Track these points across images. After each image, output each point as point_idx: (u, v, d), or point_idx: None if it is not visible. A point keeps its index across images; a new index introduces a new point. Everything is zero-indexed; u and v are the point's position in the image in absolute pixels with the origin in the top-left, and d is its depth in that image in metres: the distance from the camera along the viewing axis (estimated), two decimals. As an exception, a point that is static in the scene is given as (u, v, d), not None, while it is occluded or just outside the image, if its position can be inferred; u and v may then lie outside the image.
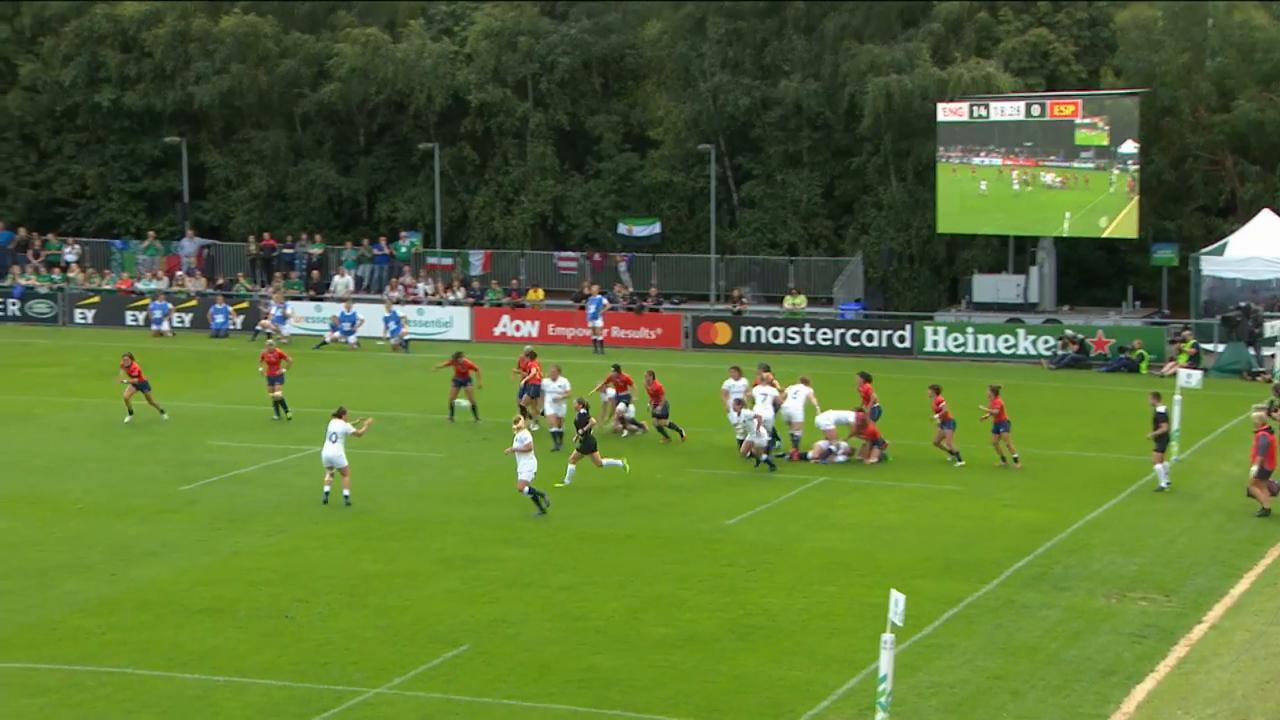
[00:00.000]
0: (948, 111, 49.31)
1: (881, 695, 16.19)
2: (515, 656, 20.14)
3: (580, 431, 29.65)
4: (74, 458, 32.12)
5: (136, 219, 59.22)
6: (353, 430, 28.02)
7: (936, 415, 31.83)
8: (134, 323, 52.60)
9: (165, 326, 51.13)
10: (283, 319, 49.80)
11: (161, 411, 35.23)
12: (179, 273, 55.64)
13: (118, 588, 23.13)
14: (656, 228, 54.43)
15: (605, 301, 49.37)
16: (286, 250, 55.75)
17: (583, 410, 30.25)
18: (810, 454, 31.97)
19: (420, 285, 53.69)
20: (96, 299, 53.80)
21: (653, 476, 30.69)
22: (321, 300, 53.02)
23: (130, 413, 35.13)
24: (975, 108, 49.17)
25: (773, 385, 32.03)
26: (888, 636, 16.06)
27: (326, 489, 27.98)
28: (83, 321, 53.21)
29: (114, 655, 20.02)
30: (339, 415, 28.25)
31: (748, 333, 48.98)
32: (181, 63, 57.54)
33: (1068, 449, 33.54)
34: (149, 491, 29.20)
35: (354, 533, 26.29)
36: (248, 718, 18.06)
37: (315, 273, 55.02)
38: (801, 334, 48.64)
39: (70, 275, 55.11)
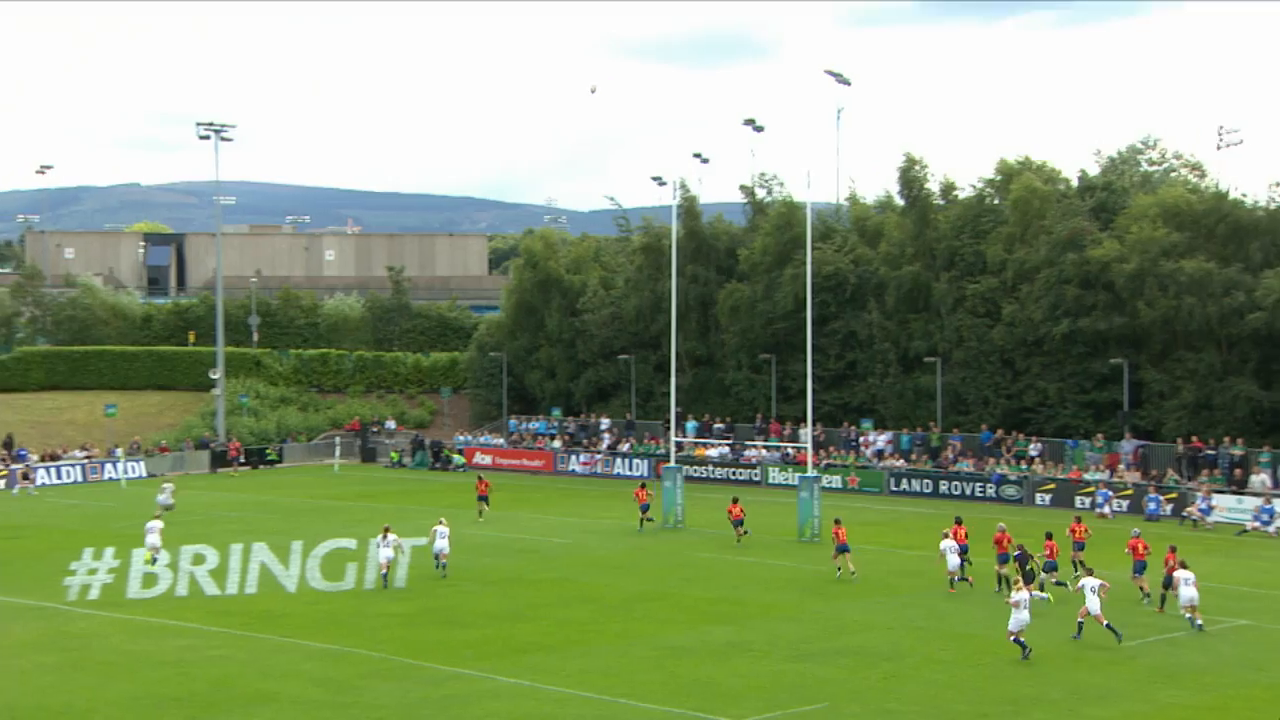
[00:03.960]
0: None
1: None
2: None
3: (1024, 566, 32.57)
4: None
5: (1085, 423, 58.94)
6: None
7: None
8: (1082, 505, 52.18)
9: (1106, 510, 50.34)
10: (1208, 510, 47.23)
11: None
12: (1119, 466, 54.54)
13: (1074, 722, 22.86)
14: None
15: None
16: (1209, 451, 52.78)
17: (1019, 552, 33.17)
18: None
19: (1337, 484, 48.41)
20: (1053, 485, 54.30)
21: None
22: (1242, 494, 49.55)
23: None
24: None
25: None
26: None
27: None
28: (1041, 503, 53.76)
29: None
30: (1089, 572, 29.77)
31: None
32: (1135, 294, 56.88)
33: None
34: (1099, 645, 28.56)
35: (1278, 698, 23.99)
36: None
37: (1237, 471, 51.50)
38: None
39: (1033, 467, 56.12)
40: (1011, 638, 27.06)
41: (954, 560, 35.12)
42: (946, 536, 35.78)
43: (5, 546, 45.10)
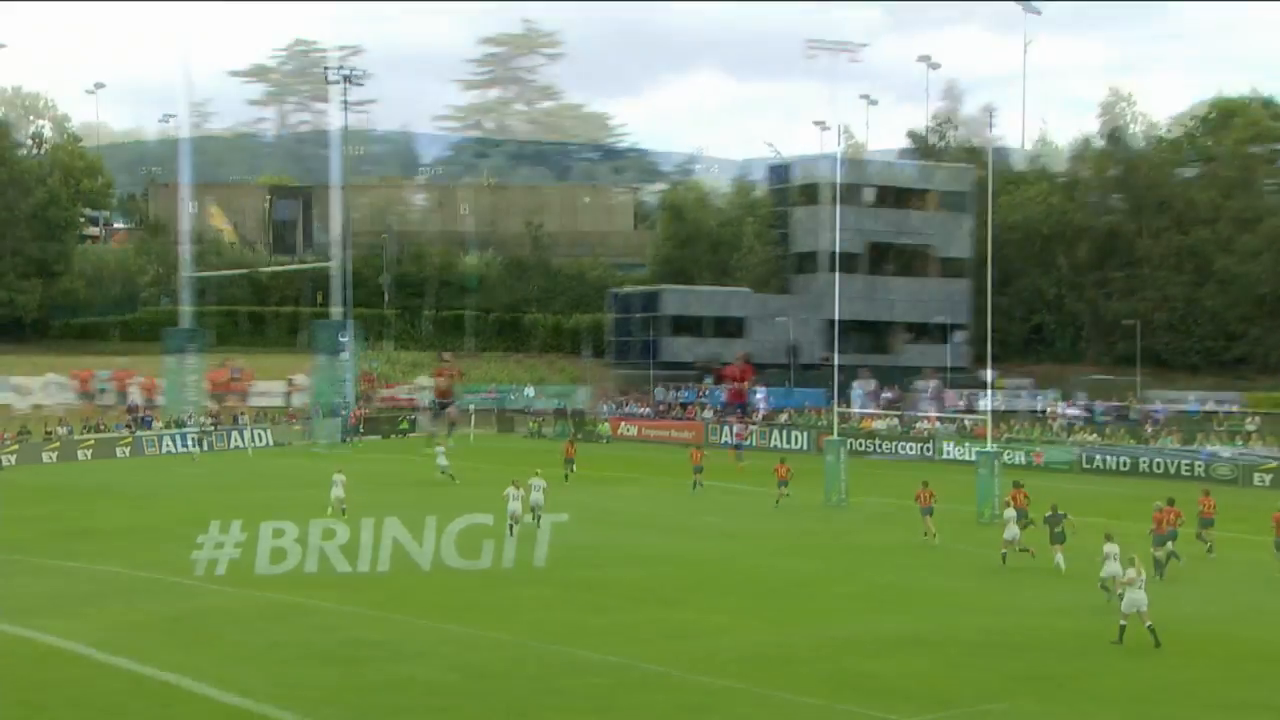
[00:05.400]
0: None
1: None
2: None
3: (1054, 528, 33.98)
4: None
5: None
6: None
7: None
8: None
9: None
10: None
11: None
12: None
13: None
14: None
15: None
16: None
17: (1051, 514, 34.16)
18: None
19: None
20: (1275, 465, 52.67)
21: None
22: None
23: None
24: None
25: None
26: None
27: None
28: (1259, 484, 51.99)
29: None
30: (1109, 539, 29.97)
31: None
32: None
33: None
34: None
35: None
36: None
37: None
38: None
39: (1250, 443, 54.46)
40: (1123, 620, 26.77)
41: (1013, 530, 35.47)
42: (1009, 505, 36.32)
43: (133, 517, 47.13)
